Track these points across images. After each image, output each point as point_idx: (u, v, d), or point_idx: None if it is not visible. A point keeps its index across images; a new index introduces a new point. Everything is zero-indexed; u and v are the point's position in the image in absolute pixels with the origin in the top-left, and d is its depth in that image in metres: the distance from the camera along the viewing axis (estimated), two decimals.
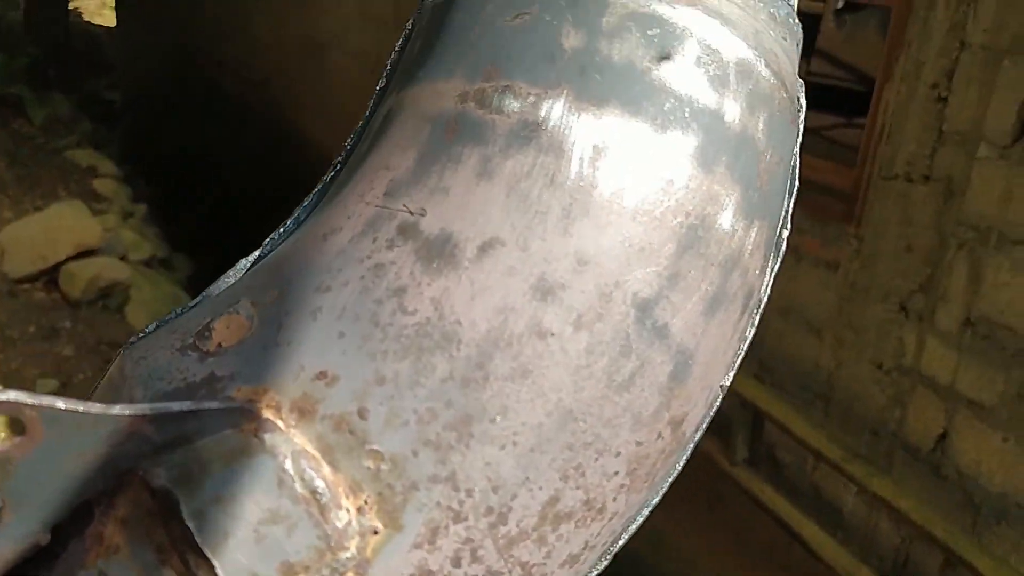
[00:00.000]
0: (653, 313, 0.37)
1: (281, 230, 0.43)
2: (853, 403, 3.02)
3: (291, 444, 0.34)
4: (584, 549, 0.39)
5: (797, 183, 0.45)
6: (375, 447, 0.35)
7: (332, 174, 0.44)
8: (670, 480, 0.43)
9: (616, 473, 0.38)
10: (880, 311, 2.91)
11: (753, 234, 0.40)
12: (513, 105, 0.38)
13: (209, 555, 0.33)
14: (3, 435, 0.32)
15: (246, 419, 0.34)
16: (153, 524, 0.34)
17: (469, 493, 0.35)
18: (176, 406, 0.34)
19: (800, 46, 0.44)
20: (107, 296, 4.42)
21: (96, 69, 9.61)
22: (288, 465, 0.34)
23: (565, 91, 0.37)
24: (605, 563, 0.43)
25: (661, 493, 0.43)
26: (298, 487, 0.34)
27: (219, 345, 0.37)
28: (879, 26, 4.58)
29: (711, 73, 0.38)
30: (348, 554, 0.34)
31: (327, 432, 0.35)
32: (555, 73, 0.38)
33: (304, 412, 0.35)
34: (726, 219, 0.39)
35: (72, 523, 0.34)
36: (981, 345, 2.62)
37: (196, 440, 0.34)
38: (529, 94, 0.38)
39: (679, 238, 0.38)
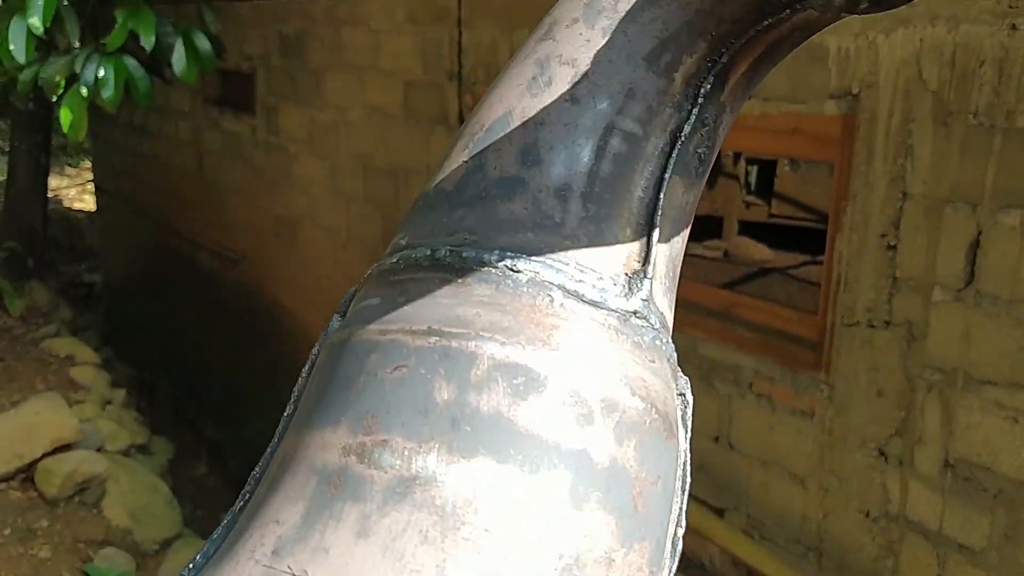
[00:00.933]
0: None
1: (190, 566, 0.44)
2: (845, 555, 2.97)
3: None
4: None
5: (689, 480, 0.47)
6: None
7: (241, 504, 0.45)
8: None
9: None
10: (860, 457, 2.91)
11: (633, 555, 0.41)
12: (390, 460, 0.40)
13: None
14: None
15: None
16: None
17: None
18: None
19: (674, 361, 0.47)
20: (84, 491, 4.35)
21: (76, 254, 9.76)
22: None
23: (437, 445, 0.39)
24: None
25: None
26: None
27: None
28: (830, 170, 4.75)
29: (576, 413, 0.41)
30: None
31: None
32: (428, 427, 0.40)
33: None
34: (601, 550, 0.40)
35: None
36: (963, 487, 2.61)
37: None
38: (405, 448, 0.40)
39: None
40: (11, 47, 4.10)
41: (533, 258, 0.43)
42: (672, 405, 0.46)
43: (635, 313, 0.44)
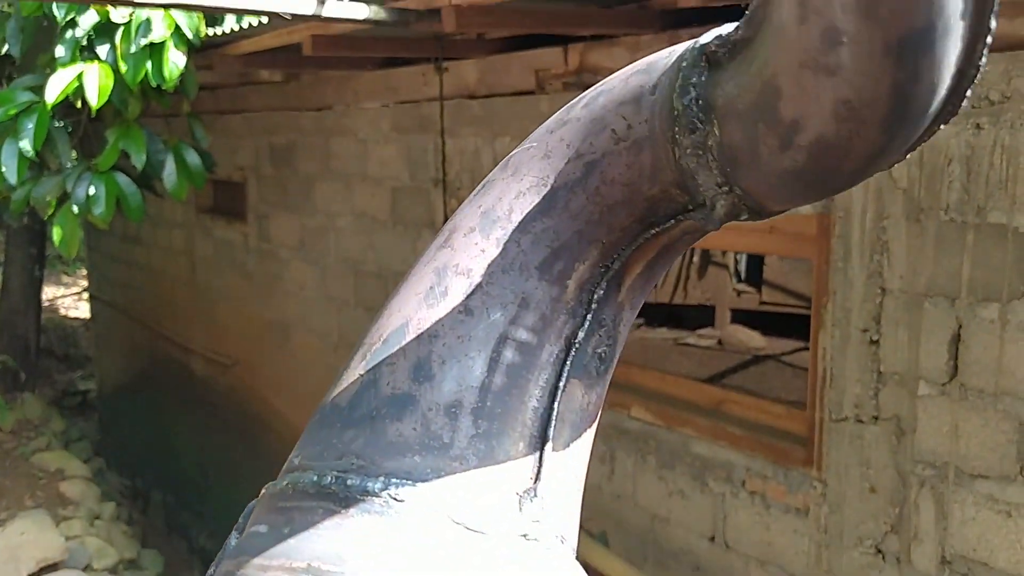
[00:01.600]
0: None
1: None
2: None
3: None
4: None
5: None
6: None
7: None
8: None
9: None
10: (857, 555, 2.87)
11: None
12: None
13: None
14: None
15: None
16: None
17: None
18: None
19: (575, 571, 0.47)
20: None
21: (71, 362, 9.75)
22: None
23: None
24: None
25: None
26: None
27: None
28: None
29: None
30: None
31: None
32: None
33: None
34: None
35: None
36: None
37: None
38: None
39: None
40: (3, 169, 4.18)
41: (419, 484, 0.43)
42: None
43: (524, 536, 0.44)
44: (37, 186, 4.38)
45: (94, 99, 3.93)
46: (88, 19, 4.10)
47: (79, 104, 4.12)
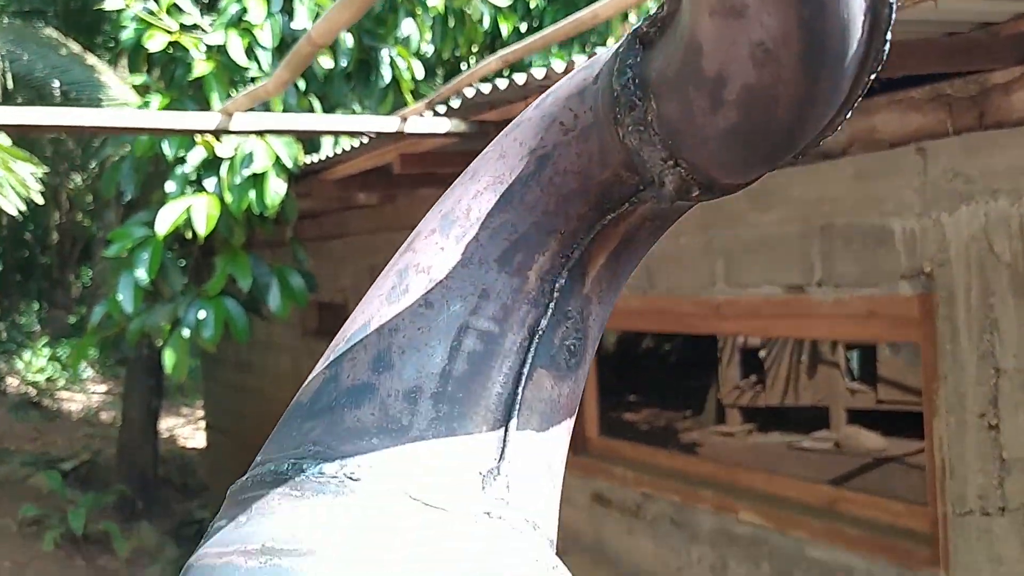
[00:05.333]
0: None
1: None
2: None
3: None
4: None
5: None
6: None
7: None
8: None
9: None
10: None
11: None
12: None
13: None
14: None
15: None
16: None
17: None
18: None
19: (544, 555, 0.45)
20: None
21: (189, 491, 9.99)
22: None
23: None
24: None
25: None
26: None
27: None
28: None
29: None
30: None
31: None
32: None
33: None
34: None
35: None
36: None
37: None
38: None
39: None
40: (120, 299, 4.41)
41: (376, 464, 0.43)
42: None
43: (487, 513, 0.43)
44: (151, 314, 4.59)
45: (202, 228, 4.14)
46: (196, 155, 4.36)
47: (189, 235, 4.35)
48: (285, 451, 0.46)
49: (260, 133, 3.14)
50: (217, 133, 2.89)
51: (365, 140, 3.65)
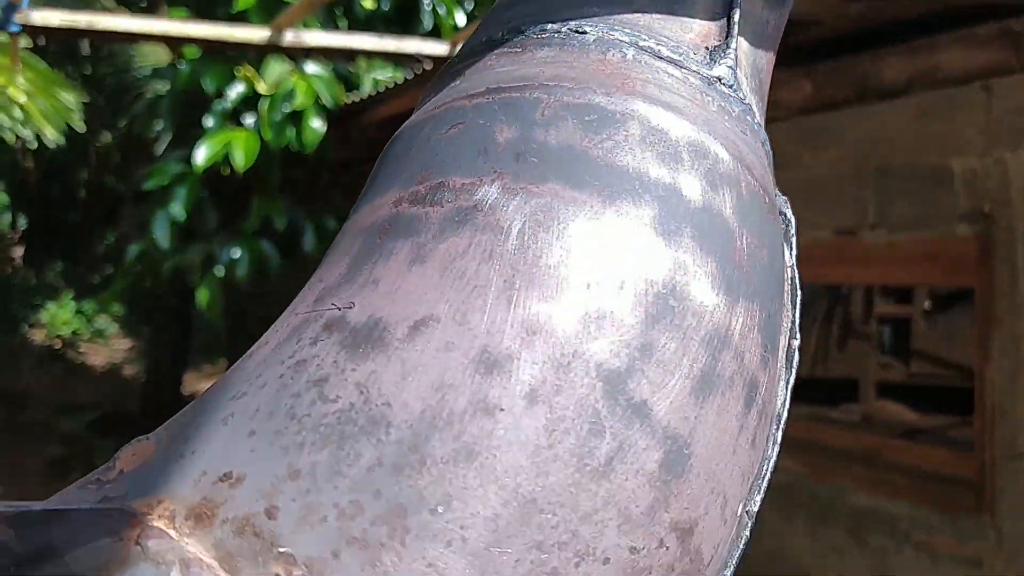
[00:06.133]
0: (626, 388, 0.33)
1: None
2: None
3: (181, 552, 0.29)
4: None
5: (800, 294, 0.42)
6: (285, 549, 0.29)
7: None
8: None
9: None
10: None
11: (740, 314, 0.36)
12: (447, 196, 0.36)
13: None
14: None
15: (127, 525, 0.29)
16: None
17: None
18: (38, 506, 0.29)
19: (768, 151, 0.42)
20: None
21: None
22: (174, 573, 0.28)
23: (500, 176, 0.36)
24: None
25: None
26: None
27: (120, 472, 0.33)
28: (972, 320, 4.52)
29: (659, 150, 0.36)
30: None
31: (227, 537, 0.29)
32: (489, 163, 0.36)
33: (202, 517, 0.30)
34: (701, 290, 0.35)
35: None
36: None
37: (66, 553, 0.28)
38: (463, 184, 0.36)
39: (646, 306, 0.34)
40: (156, 235, 4.40)
41: (601, 24, 0.40)
42: (771, 189, 0.41)
43: (720, 79, 0.40)
44: (186, 252, 4.58)
45: (240, 163, 4.12)
46: (235, 90, 4.33)
47: (226, 171, 4.33)
48: (494, 28, 0.42)
49: (308, 52, 3.11)
50: (267, 50, 2.86)
51: (410, 76, 3.61)
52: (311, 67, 4.26)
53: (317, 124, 4.24)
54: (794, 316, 0.42)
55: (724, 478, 0.35)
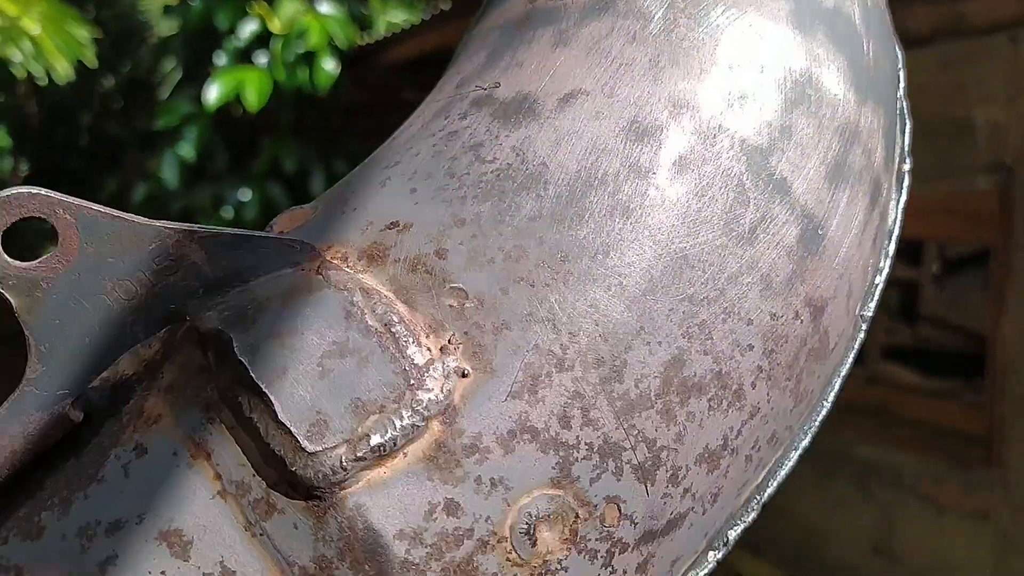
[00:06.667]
0: (768, 164, 0.35)
1: None
2: None
3: (360, 282, 0.31)
4: (724, 448, 0.33)
5: (909, 123, 0.44)
6: (457, 285, 0.32)
7: None
8: (821, 411, 0.38)
9: (751, 348, 0.33)
10: None
11: (868, 114, 0.38)
12: None
13: (265, 390, 0.28)
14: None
15: (307, 257, 0.31)
16: (202, 382, 0.30)
17: (573, 337, 0.31)
18: (228, 231, 0.31)
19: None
20: None
21: None
22: (357, 298, 0.30)
23: None
24: (751, 514, 0.37)
25: (811, 430, 0.38)
26: (369, 319, 0.30)
27: (280, 234, 0.35)
28: (982, 285, 4.50)
29: None
30: (432, 396, 0.29)
31: (400, 274, 0.32)
32: None
33: (374, 258, 0.32)
34: (834, 82, 0.37)
35: (108, 403, 0.31)
36: None
37: (251, 279, 0.31)
38: None
39: (784, 91, 0.36)
40: (164, 175, 4.37)
41: None
42: (889, 15, 0.43)
43: None
44: (194, 193, 4.56)
45: (252, 103, 4.08)
46: (247, 28, 4.28)
47: (238, 111, 4.29)
48: None
49: None
50: None
51: (426, 17, 3.57)
52: (325, 7, 4.21)
53: (330, 65, 4.20)
54: (903, 142, 0.43)
55: (851, 268, 0.38)
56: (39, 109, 11.24)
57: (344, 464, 0.29)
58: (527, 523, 0.30)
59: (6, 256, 0.29)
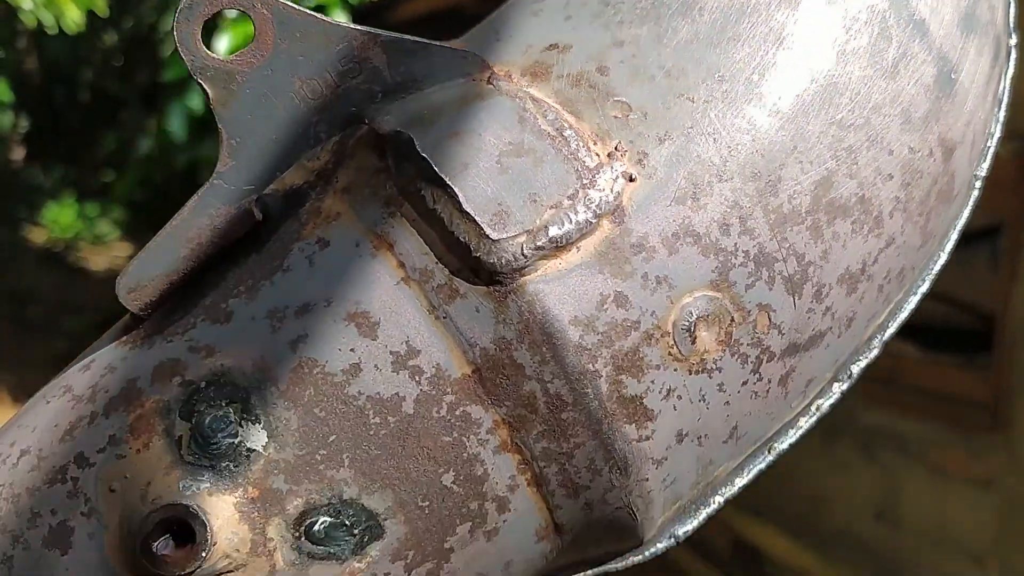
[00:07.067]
0: (909, 4, 0.37)
1: None
2: None
3: (528, 92, 0.33)
4: (862, 273, 0.36)
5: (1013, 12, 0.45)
6: (620, 98, 0.33)
7: None
8: (939, 259, 0.41)
9: (891, 177, 0.36)
10: None
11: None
12: None
13: (449, 183, 0.30)
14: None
15: (479, 68, 0.33)
16: (379, 181, 0.32)
17: (732, 150, 0.33)
18: (408, 38, 0.33)
19: None
20: None
21: None
22: (528, 105, 0.32)
23: None
24: (873, 351, 0.40)
25: (928, 277, 0.41)
26: (542, 123, 0.32)
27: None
28: (990, 261, 4.50)
29: None
30: (603, 195, 0.31)
31: (564, 88, 0.34)
32: None
33: (537, 75, 0.34)
34: None
35: (285, 206, 0.33)
36: None
37: (426, 86, 0.33)
38: None
39: None
40: (171, 128, 4.35)
41: None
42: None
43: None
44: (202, 146, 4.54)
45: None
46: None
47: None
48: None
49: None
50: None
51: None
52: None
53: (341, 19, 4.16)
54: (1010, 15, 0.45)
55: (975, 119, 0.40)
56: (39, 65, 11.15)
57: (524, 252, 0.31)
58: (688, 321, 0.32)
59: (205, 48, 0.31)
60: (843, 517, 3.26)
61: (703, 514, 0.38)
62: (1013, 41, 0.44)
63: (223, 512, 0.29)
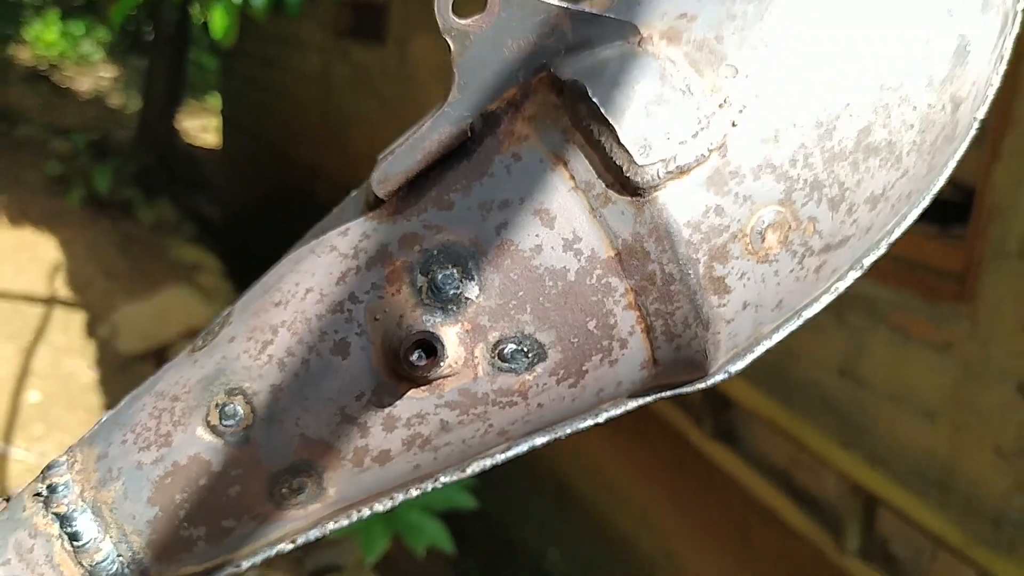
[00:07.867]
0: None
1: None
2: (973, 491, 2.89)
3: (668, 54, 0.44)
4: (882, 196, 0.48)
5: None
6: (731, 62, 0.45)
7: None
8: (939, 180, 0.52)
9: (912, 127, 0.47)
10: (997, 394, 2.82)
11: None
12: None
13: (611, 122, 0.43)
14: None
15: (633, 33, 0.45)
16: (558, 115, 0.44)
17: (805, 105, 0.45)
18: (587, 11, 0.44)
19: None
20: None
21: (196, 186, 10.12)
22: (667, 65, 0.44)
23: None
24: (882, 249, 0.52)
25: (930, 195, 0.53)
26: (676, 81, 0.44)
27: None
28: (976, 136, 4.54)
29: None
30: (715, 136, 0.43)
31: (691, 51, 0.45)
32: None
33: (671, 39, 0.45)
34: None
35: (484, 127, 0.45)
36: None
37: (596, 47, 0.44)
38: None
39: None
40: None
41: None
42: None
43: None
44: None
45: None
46: None
47: None
48: None
49: None
50: None
51: None
52: None
53: None
54: None
55: (980, 79, 0.50)
56: None
57: (660, 175, 0.43)
58: (761, 227, 0.45)
59: (453, 15, 0.43)
60: (809, 372, 3.47)
61: (749, 358, 0.51)
62: (1020, 6, 0.52)
63: (448, 338, 0.44)
